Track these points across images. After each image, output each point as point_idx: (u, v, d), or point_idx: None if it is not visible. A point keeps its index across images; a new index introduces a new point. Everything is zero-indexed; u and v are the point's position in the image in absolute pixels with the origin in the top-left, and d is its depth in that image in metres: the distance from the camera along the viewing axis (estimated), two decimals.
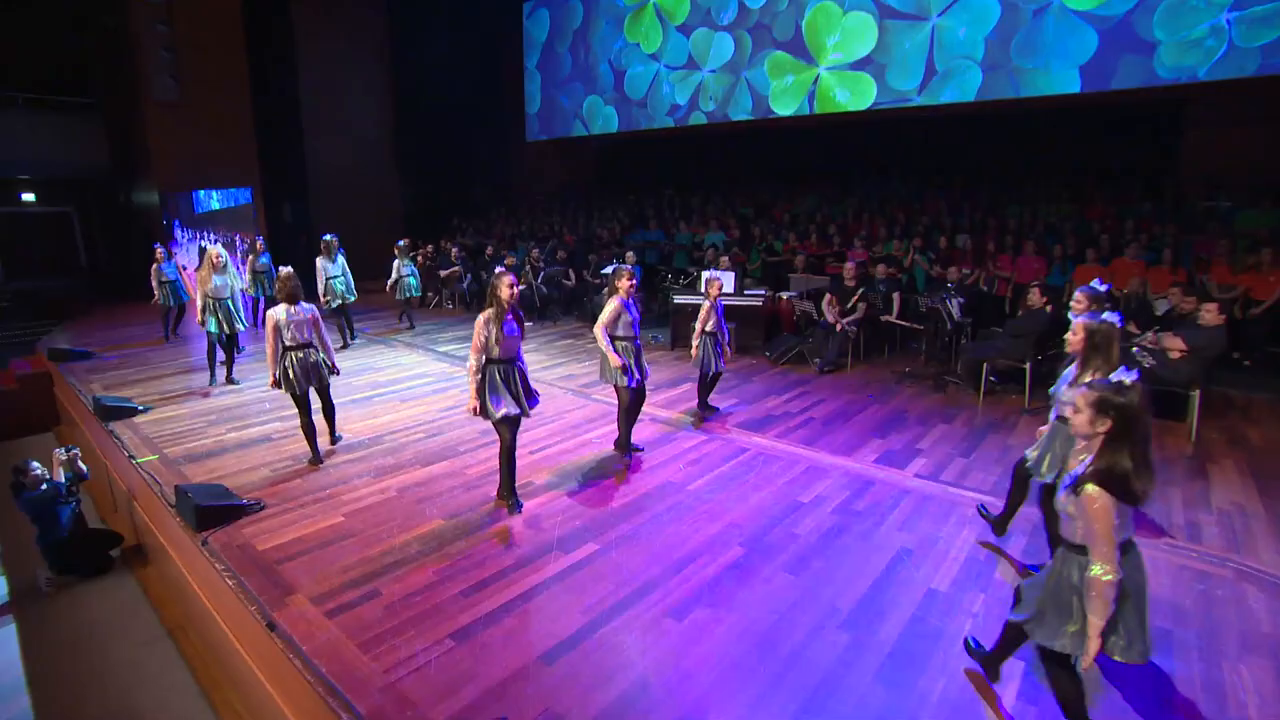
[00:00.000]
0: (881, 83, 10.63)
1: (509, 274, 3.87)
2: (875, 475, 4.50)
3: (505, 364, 3.91)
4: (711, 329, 5.41)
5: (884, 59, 10.59)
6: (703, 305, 5.41)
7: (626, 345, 4.64)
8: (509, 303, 3.81)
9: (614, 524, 3.85)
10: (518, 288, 3.88)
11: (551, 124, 15.40)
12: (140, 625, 4.31)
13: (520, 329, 3.92)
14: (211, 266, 6.24)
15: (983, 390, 6.22)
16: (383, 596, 3.17)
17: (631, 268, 4.73)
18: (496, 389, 3.86)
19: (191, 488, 3.97)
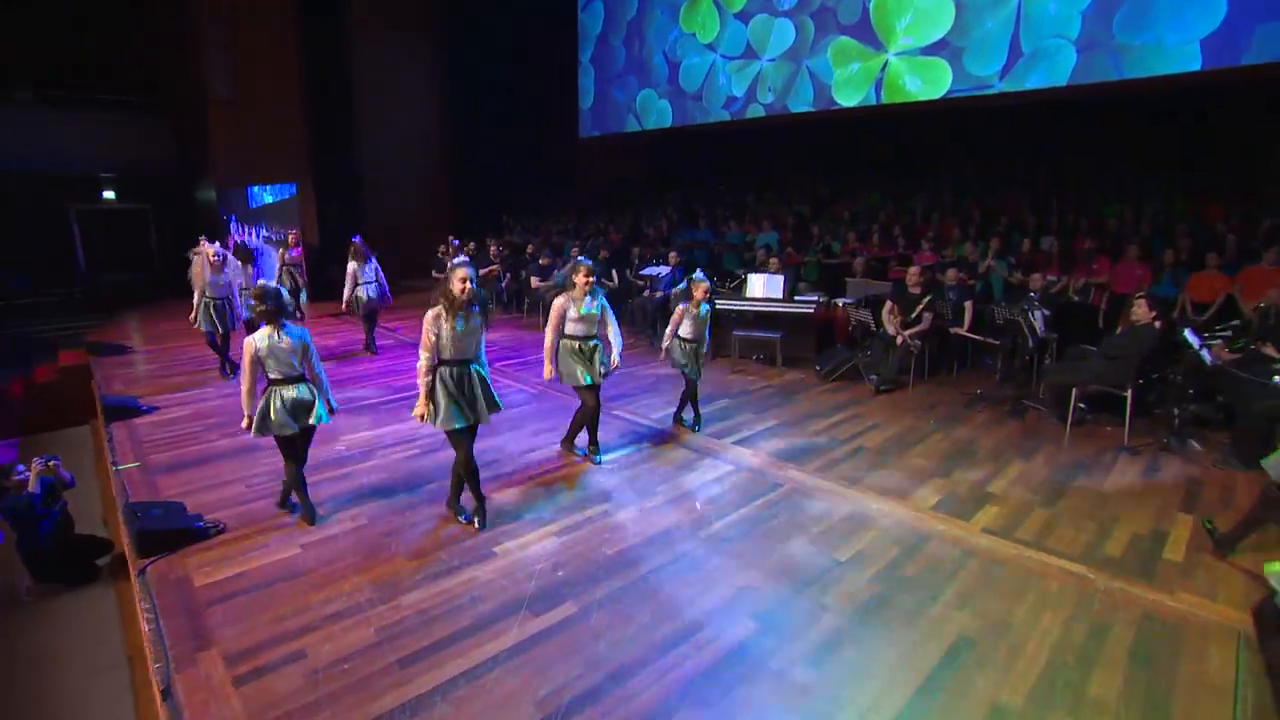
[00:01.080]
0: (958, 68, 9.53)
1: (464, 266, 3.42)
2: (933, 528, 3.68)
3: (459, 365, 3.48)
4: (691, 335, 5.02)
5: (961, 41, 9.49)
6: (678, 308, 5.02)
7: (581, 345, 4.36)
8: (462, 298, 3.36)
9: (603, 577, 3.21)
10: (472, 282, 3.41)
11: (605, 119, 14.90)
12: (105, 648, 3.99)
13: (481, 324, 3.51)
14: (209, 265, 6.00)
15: (1070, 420, 5.22)
16: (307, 660, 2.65)
17: (590, 263, 4.35)
18: (449, 394, 3.43)
19: (143, 506, 3.60)
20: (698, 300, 4.99)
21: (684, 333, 5.04)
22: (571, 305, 4.30)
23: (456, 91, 15.25)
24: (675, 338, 5.05)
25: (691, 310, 5.00)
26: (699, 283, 5.03)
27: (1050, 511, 3.87)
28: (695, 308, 5.00)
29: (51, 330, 11.24)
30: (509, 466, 4.51)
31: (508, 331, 9.30)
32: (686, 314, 5.02)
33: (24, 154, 11.61)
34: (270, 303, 3.51)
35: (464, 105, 15.29)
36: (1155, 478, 4.37)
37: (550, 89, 15.97)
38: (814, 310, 7.20)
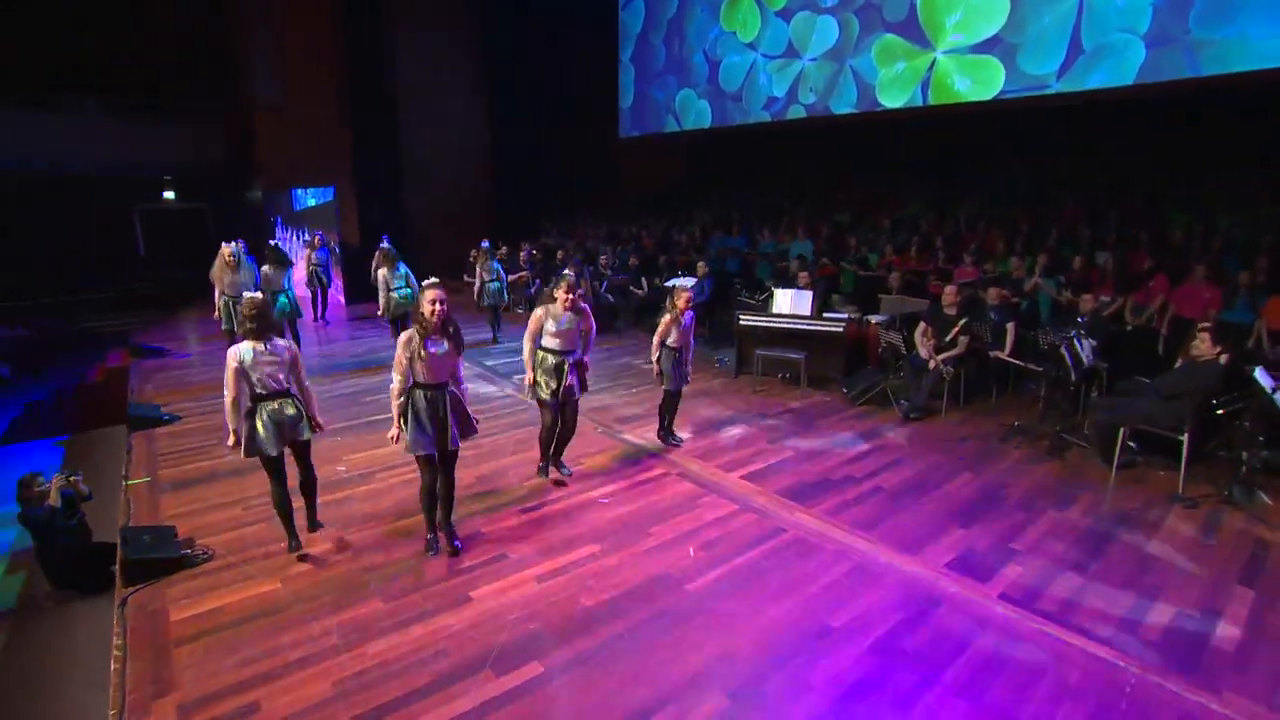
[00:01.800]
0: (1011, 67, 8.90)
1: (436, 288, 3.33)
2: (945, 590, 3.37)
3: (433, 389, 3.40)
4: (675, 344, 5.01)
5: (1016, 38, 8.86)
6: (664, 317, 4.97)
7: (556, 360, 4.29)
8: (432, 320, 3.30)
9: (575, 634, 3.05)
10: (442, 304, 3.32)
11: (644, 119, 14.68)
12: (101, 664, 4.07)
13: (454, 347, 3.42)
14: (225, 265, 6.09)
15: (1116, 463, 4.76)
16: (260, 713, 2.58)
17: (573, 276, 4.30)
18: (417, 419, 3.37)
19: (135, 532, 3.63)
20: (680, 309, 4.94)
21: (670, 342, 5.01)
22: (549, 319, 4.23)
23: (497, 92, 15.29)
24: (664, 348, 5.01)
25: (676, 318, 4.95)
26: (680, 290, 5.00)
27: (1082, 576, 3.50)
28: (680, 315, 4.95)
29: (113, 326, 11.82)
30: (506, 497, 4.40)
31: None
32: (673, 322, 4.96)
33: (91, 159, 12.22)
34: (255, 318, 3.41)
35: (504, 106, 15.32)
36: (1212, 538, 3.91)
37: (590, 89, 15.84)
38: (844, 328, 6.83)
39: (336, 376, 7.28)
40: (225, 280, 6.24)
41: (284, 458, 3.59)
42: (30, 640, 4.21)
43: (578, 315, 4.30)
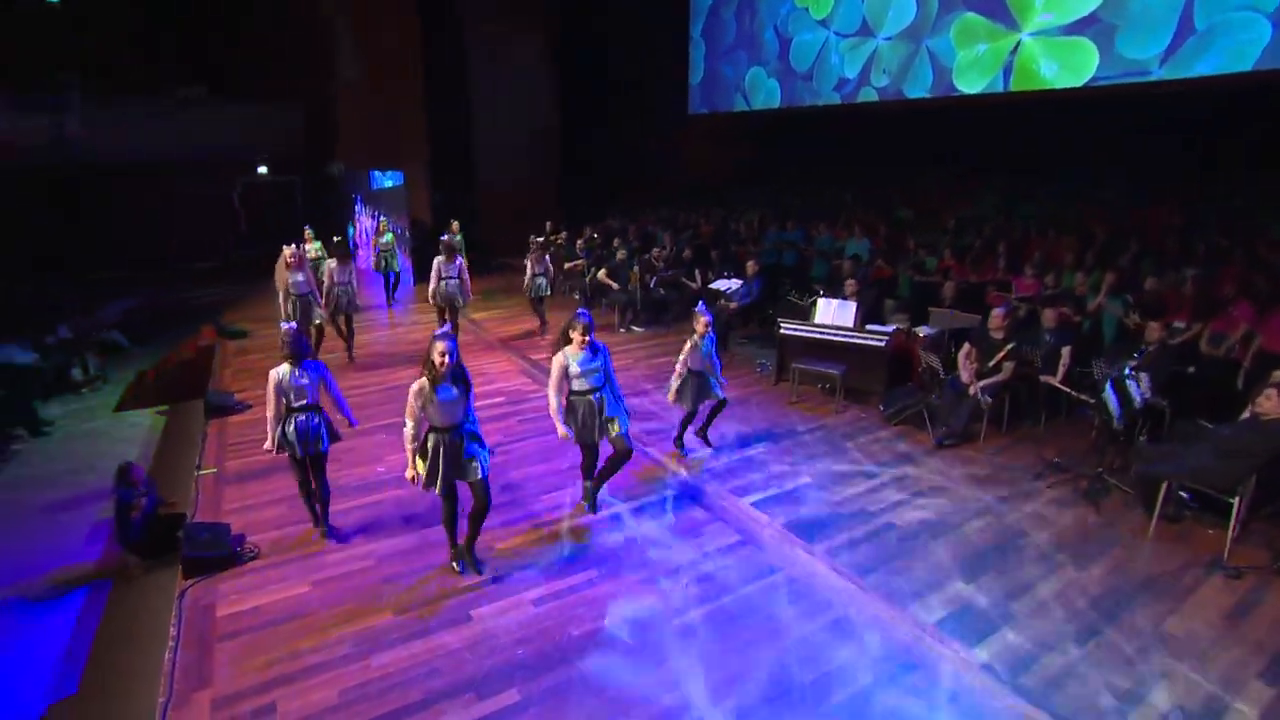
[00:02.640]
0: (1108, 50, 8.10)
1: (445, 339, 3.54)
2: (925, 653, 3.38)
3: (446, 431, 3.63)
4: (697, 368, 5.09)
5: (1115, 18, 8.03)
6: (686, 343, 5.07)
7: (584, 399, 4.32)
8: (441, 370, 3.51)
9: (558, 662, 3.29)
10: (451, 356, 3.52)
11: (713, 97, 14.34)
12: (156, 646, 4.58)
13: (462, 393, 3.63)
14: (286, 265, 6.55)
15: (1157, 516, 4.49)
16: (275, 715, 2.99)
17: (588, 319, 4.24)
18: (434, 459, 3.62)
19: (196, 528, 4.15)
20: (700, 334, 5.03)
21: (694, 366, 5.08)
22: (571, 362, 4.25)
23: (567, 72, 15.26)
24: (690, 374, 5.11)
25: (695, 342, 5.03)
26: (698, 315, 5.10)
27: (1081, 649, 3.40)
28: (699, 340, 5.03)
29: (211, 297, 13.01)
30: (520, 511, 4.68)
31: None
32: (695, 348, 5.03)
33: (193, 142, 13.30)
34: (289, 347, 4.10)
35: (575, 85, 15.31)
36: (1246, 617, 3.66)
37: (660, 65, 15.56)
38: (885, 343, 6.63)
39: (392, 368, 7.78)
40: (286, 279, 6.74)
41: (307, 458, 4.17)
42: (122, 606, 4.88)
43: (597, 354, 4.31)
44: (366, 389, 7.04)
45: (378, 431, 5.86)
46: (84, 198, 12.37)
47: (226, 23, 13.29)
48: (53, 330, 9.28)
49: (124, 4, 12.09)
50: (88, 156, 11.80)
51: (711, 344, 5.13)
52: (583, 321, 4.21)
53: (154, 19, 12.82)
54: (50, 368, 8.49)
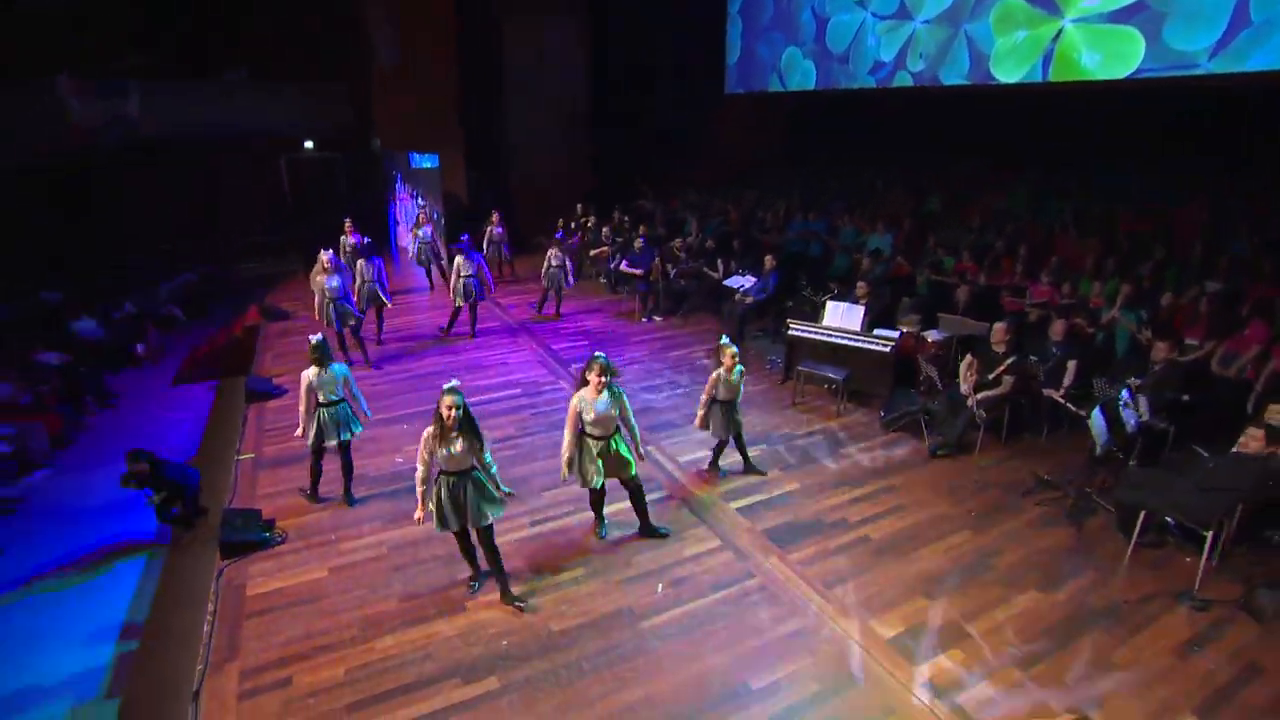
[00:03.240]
0: (1154, 40, 7.72)
1: (453, 393, 3.71)
2: (872, 668, 3.64)
3: (455, 475, 3.80)
4: (725, 398, 5.10)
5: (1164, 6, 7.62)
6: (712, 375, 5.08)
7: (601, 445, 4.30)
8: (449, 425, 3.69)
9: (535, 656, 3.69)
10: (458, 410, 3.68)
11: (749, 77, 14.11)
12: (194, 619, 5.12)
13: (467, 445, 3.74)
14: (323, 269, 6.97)
15: (1134, 541, 4.57)
16: (291, 688, 3.48)
17: (604, 359, 4.15)
18: (440, 503, 3.82)
19: (232, 514, 4.68)
20: (728, 367, 5.00)
21: (721, 396, 5.12)
22: (585, 406, 4.20)
23: (602, 50, 15.13)
24: (715, 403, 5.14)
25: (724, 377, 5.04)
26: (725, 348, 5.04)
27: (1024, 674, 3.60)
28: (728, 374, 5.03)
29: (260, 269, 13.75)
30: (521, 507, 5.05)
31: (600, 320, 9.71)
32: (720, 381, 5.06)
33: (240, 122, 13.90)
34: (316, 352, 4.80)
35: (610, 64, 15.21)
36: (1198, 653, 3.76)
37: (697, 46, 15.31)
38: (890, 349, 6.70)
39: (418, 357, 8.24)
40: (322, 283, 7.11)
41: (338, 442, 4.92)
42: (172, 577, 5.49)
43: (614, 398, 4.24)
44: (391, 378, 7.52)
45: (398, 421, 6.33)
46: (142, 176, 13.18)
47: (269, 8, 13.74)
48: (120, 305, 10.06)
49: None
50: (145, 137, 12.55)
51: (739, 375, 5.07)
52: (599, 363, 4.14)
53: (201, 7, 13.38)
54: (116, 341, 9.26)
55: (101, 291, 10.31)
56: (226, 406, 7.05)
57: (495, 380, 7.46)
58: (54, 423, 7.02)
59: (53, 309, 9.77)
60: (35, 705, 3.65)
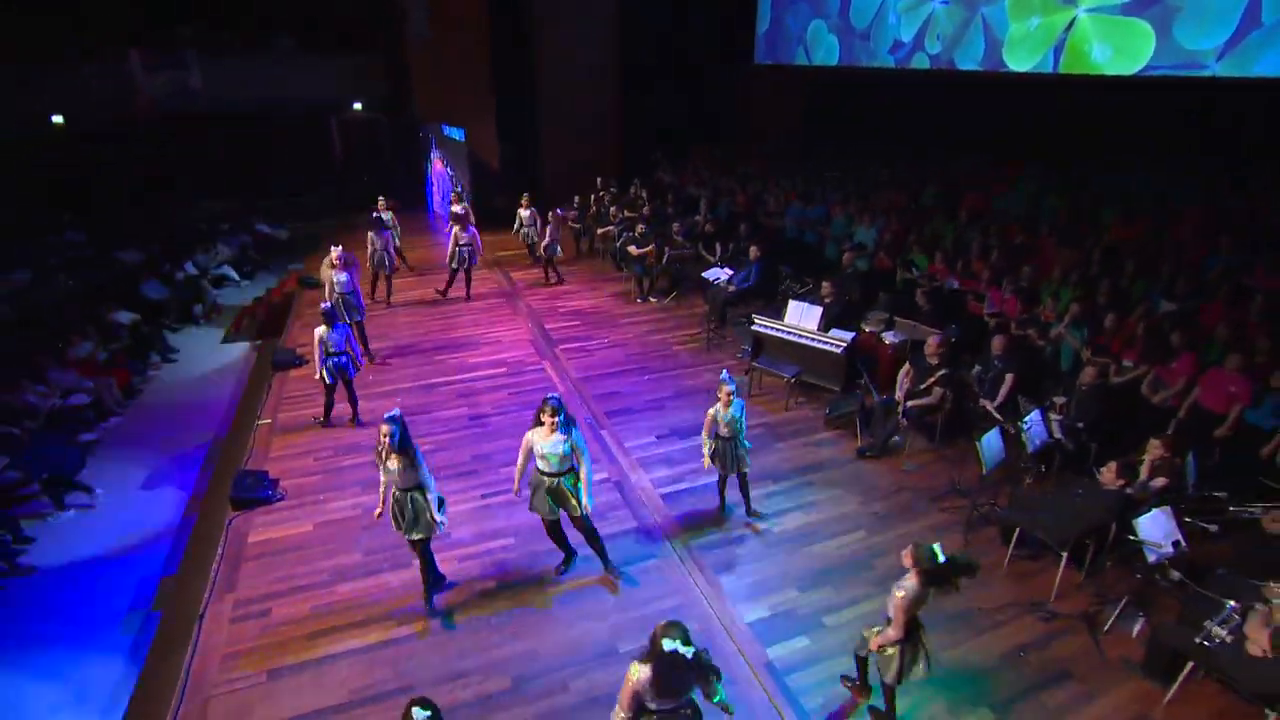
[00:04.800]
0: (1164, 37, 7.50)
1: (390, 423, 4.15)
2: (724, 645, 4.33)
3: (402, 491, 4.28)
4: (728, 434, 5.03)
5: (1178, 1, 7.34)
6: (710, 411, 5.00)
7: (550, 480, 4.40)
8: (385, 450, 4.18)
9: (457, 608, 4.58)
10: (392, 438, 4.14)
11: (776, 48, 13.96)
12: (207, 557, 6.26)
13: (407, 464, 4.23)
14: (331, 265, 7.81)
15: (1010, 553, 5.04)
16: (268, 618, 4.51)
17: (556, 402, 4.29)
18: (393, 514, 4.34)
19: (243, 474, 5.74)
20: (724, 403, 4.95)
21: (722, 433, 5.07)
22: (537, 444, 4.33)
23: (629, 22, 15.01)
24: (715, 438, 5.10)
25: (721, 413, 4.98)
26: (722, 385, 4.99)
27: (848, 661, 4.21)
28: (724, 409, 4.96)
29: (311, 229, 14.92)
30: (477, 480, 5.90)
31: (597, 299, 10.30)
32: (717, 418, 5.00)
33: (289, 89, 14.92)
34: (325, 317, 6.29)
35: (640, 33, 15.07)
36: (1024, 656, 4.27)
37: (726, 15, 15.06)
38: (841, 349, 7.10)
39: (423, 325, 9.19)
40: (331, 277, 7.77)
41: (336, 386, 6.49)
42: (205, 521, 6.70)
43: (567, 441, 4.30)
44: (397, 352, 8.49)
45: (394, 395, 7.27)
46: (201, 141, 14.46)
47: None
48: (181, 266, 11.38)
49: None
50: (204, 105, 13.77)
51: (740, 410, 5.02)
52: (551, 405, 4.25)
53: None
54: (177, 301, 10.59)
55: (165, 254, 11.64)
56: (258, 372, 8.18)
57: (484, 359, 8.30)
58: (124, 376, 8.36)
59: (129, 270, 11.18)
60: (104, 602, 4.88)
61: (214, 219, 13.49)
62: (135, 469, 6.90)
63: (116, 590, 5.32)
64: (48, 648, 4.83)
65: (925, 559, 3.42)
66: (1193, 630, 3.92)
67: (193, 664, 4.18)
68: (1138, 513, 4.37)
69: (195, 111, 13.59)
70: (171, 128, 13.45)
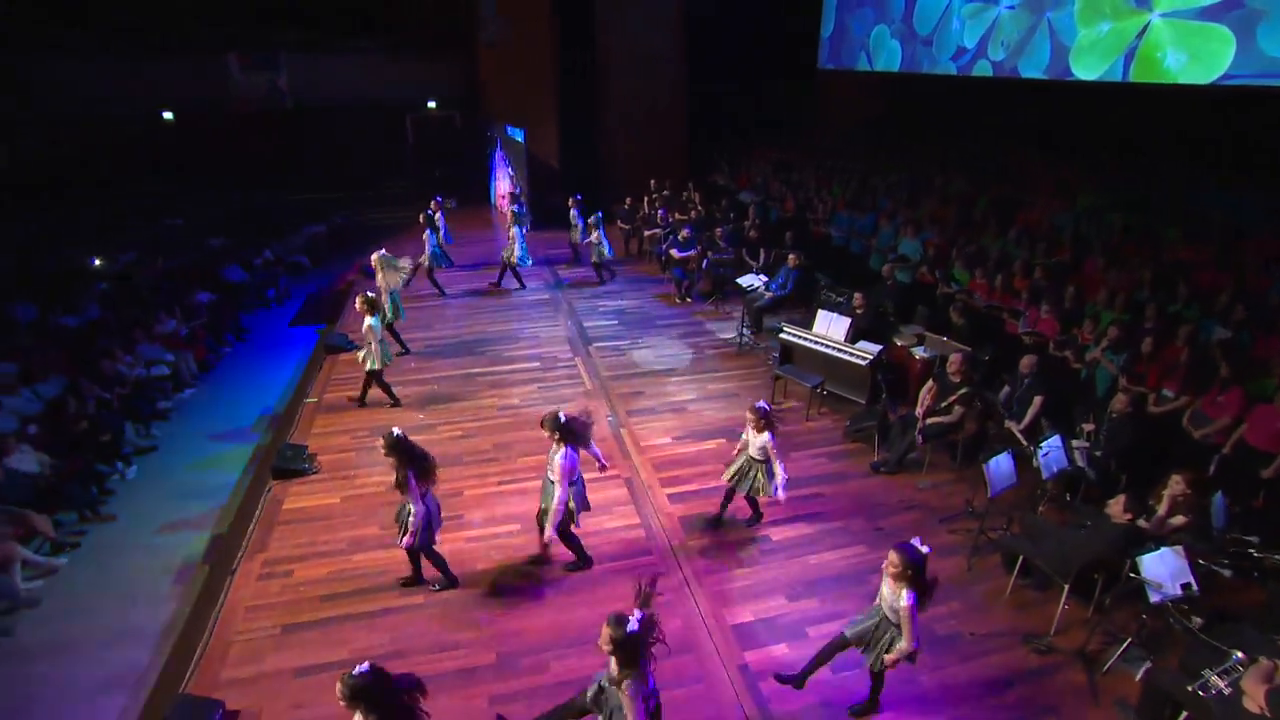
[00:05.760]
0: (1246, 43, 7.01)
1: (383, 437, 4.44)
2: (703, 641, 4.44)
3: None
4: (760, 456, 5.01)
5: (1262, 3, 6.83)
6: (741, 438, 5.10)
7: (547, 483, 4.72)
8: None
9: (465, 584, 4.88)
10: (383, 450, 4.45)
11: (840, 52, 13.75)
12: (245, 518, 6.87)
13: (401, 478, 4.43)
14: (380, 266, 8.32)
15: (1013, 581, 4.91)
16: (290, 578, 4.96)
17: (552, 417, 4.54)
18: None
19: (285, 447, 6.27)
20: (756, 428, 4.97)
21: (754, 454, 5.07)
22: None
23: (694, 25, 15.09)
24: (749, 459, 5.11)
25: (752, 438, 5.03)
26: (751, 409, 5.00)
27: (834, 676, 4.19)
28: (756, 434, 4.97)
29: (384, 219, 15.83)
30: (497, 468, 6.23)
31: (639, 300, 10.51)
32: (749, 444, 5.04)
33: (368, 87, 15.87)
34: (369, 304, 6.91)
35: (704, 36, 15.15)
36: (1006, 687, 4.17)
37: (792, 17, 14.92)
38: (867, 362, 7.02)
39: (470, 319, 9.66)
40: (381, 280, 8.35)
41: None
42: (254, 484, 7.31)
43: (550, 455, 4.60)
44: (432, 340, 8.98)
45: (432, 384, 7.72)
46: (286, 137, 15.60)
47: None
48: (260, 253, 12.36)
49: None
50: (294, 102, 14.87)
51: (771, 440, 4.95)
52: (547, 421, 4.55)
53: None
54: (254, 285, 11.52)
55: (247, 240, 12.67)
56: (316, 355, 8.84)
57: (520, 353, 8.65)
58: (200, 352, 9.19)
59: (215, 253, 12.24)
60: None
61: (293, 209, 14.56)
62: (201, 438, 7.60)
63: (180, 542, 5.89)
64: (116, 590, 5.40)
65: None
66: (1190, 678, 3.74)
67: (221, 612, 4.66)
68: (1144, 549, 4.18)
69: (282, 108, 14.75)
70: (260, 124, 14.65)
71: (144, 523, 6.16)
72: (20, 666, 4.72)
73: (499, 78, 14.63)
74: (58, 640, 4.92)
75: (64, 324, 9.15)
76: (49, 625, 5.08)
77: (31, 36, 13.38)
